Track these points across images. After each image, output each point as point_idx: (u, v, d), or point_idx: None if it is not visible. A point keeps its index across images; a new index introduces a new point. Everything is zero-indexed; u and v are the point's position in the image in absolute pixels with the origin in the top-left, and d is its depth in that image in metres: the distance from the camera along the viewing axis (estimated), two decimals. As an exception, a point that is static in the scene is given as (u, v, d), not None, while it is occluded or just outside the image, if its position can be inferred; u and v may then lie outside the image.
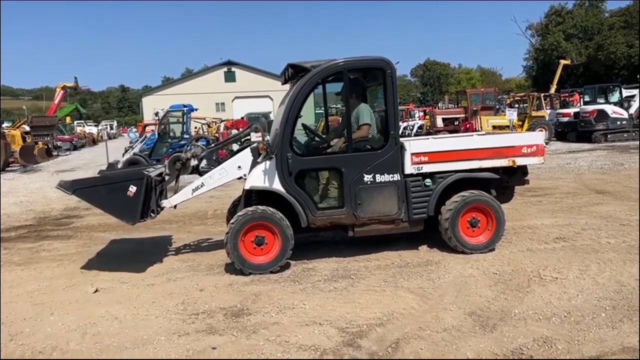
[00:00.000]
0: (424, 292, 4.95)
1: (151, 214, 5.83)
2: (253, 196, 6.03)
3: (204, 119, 28.02)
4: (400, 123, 29.46)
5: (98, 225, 8.77)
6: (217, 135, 22.67)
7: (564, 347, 3.74)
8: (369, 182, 5.81)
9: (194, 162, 6.37)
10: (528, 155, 6.15)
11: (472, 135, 7.31)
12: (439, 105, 44.62)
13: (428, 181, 5.98)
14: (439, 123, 26.00)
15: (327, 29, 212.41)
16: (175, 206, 6.16)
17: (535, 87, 53.10)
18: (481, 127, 22.83)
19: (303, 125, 6.40)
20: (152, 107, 30.03)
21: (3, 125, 30.15)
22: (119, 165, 16.35)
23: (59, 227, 9.10)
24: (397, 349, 3.85)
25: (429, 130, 25.54)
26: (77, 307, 5.00)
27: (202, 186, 6.01)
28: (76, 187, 5.58)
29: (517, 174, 6.39)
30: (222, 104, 53.57)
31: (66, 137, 36.15)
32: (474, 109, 24.86)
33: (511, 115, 21.30)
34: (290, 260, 5.93)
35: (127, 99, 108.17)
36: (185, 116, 17.65)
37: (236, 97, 54.48)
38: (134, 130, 37.83)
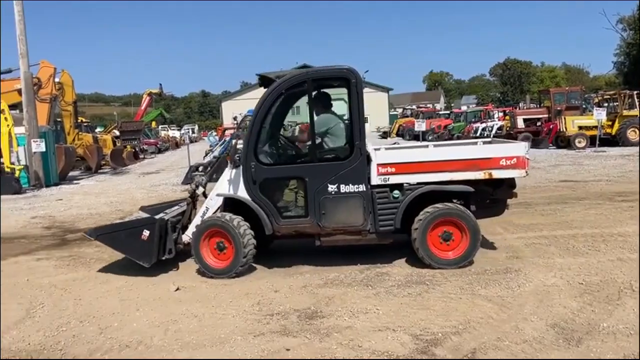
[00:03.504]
0: (502, 301, 4.76)
1: (168, 253, 6.26)
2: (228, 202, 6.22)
3: (280, 122, 28.54)
4: (479, 124, 28.73)
5: (180, 225, 9.15)
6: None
7: (659, 366, 3.47)
8: (333, 192, 5.75)
9: (200, 191, 6.80)
10: (507, 167, 5.75)
11: (427, 147, 6.97)
12: (520, 105, 42.89)
13: (396, 193, 5.80)
14: (520, 124, 25.01)
15: (400, 30, 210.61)
16: None
17: (627, 84, 49.62)
18: (566, 128, 21.71)
19: (281, 136, 6.66)
20: (231, 111, 31.05)
21: (96, 130, 32.34)
22: (200, 168, 17.01)
23: (145, 227, 9.58)
24: (473, 359, 3.73)
25: (509, 132, 24.58)
26: (160, 304, 5.26)
27: (207, 209, 6.30)
28: (99, 233, 6.36)
29: (503, 187, 6.03)
30: (298, 107, 54.23)
31: (152, 140, 38.29)
32: (558, 108, 23.68)
33: (600, 114, 20.08)
34: (363, 265, 5.93)
35: (207, 103, 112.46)
36: (261, 120, 18.10)
37: (311, 100, 55.05)
38: (214, 134, 39.20)
